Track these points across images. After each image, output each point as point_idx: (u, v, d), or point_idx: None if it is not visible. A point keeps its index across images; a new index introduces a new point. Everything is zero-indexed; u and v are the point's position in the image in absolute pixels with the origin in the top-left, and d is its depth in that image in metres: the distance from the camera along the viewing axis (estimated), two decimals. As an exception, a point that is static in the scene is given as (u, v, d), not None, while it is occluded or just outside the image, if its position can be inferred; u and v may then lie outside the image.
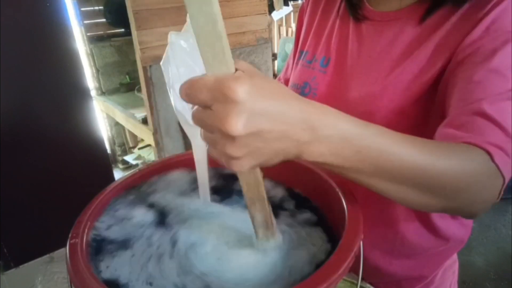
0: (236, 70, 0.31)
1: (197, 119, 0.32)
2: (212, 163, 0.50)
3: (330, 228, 0.48)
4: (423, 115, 0.53)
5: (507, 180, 0.41)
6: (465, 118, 0.44)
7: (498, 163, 0.39)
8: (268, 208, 0.42)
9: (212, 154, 0.33)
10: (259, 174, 0.38)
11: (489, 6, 0.48)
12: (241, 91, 0.28)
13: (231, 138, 0.30)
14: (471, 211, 0.43)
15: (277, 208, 0.52)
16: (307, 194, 0.55)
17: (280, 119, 0.31)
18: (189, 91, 0.30)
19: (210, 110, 0.30)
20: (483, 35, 0.47)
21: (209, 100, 0.30)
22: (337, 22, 0.67)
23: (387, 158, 0.36)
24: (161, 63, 0.46)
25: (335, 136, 0.33)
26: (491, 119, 0.42)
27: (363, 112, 0.58)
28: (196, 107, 0.32)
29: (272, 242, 0.44)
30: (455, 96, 0.47)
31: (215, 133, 0.31)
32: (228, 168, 0.33)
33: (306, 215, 0.51)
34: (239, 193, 0.46)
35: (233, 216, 0.51)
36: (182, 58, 0.47)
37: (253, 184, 0.39)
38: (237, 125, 0.29)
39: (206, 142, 0.33)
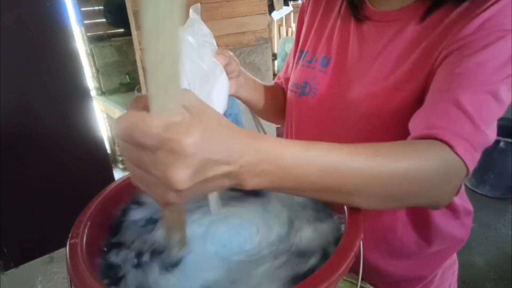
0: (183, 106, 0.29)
1: (131, 156, 0.29)
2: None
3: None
4: None
5: (471, 170, 0.42)
6: (440, 106, 0.45)
7: (461, 155, 0.41)
8: (186, 229, 0.43)
9: (142, 190, 0.32)
10: (185, 206, 0.39)
11: (488, 3, 0.48)
12: (191, 144, 0.27)
13: (173, 189, 0.28)
14: (434, 204, 0.45)
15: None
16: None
17: (226, 162, 0.31)
18: (130, 132, 0.27)
19: (151, 154, 0.28)
20: (476, 30, 0.48)
21: (153, 147, 0.27)
22: (338, 22, 0.67)
23: (328, 178, 0.36)
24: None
25: (273, 169, 0.34)
26: (464, 110, 0.43)
27: (364, 113, 0.58)
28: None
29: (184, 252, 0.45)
30: (436, 84, 0.48)
31: (152, 177, 0.29)
32: (159, 205, 0.32)
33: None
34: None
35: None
36: (189, 54, 0.47)
37: (177, 215, 0.40)
38: (183, 179, 0.27)
39: (136, 179, 0.32)
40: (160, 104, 0.28)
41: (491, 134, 0.45)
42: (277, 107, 0.79)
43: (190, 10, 0.55)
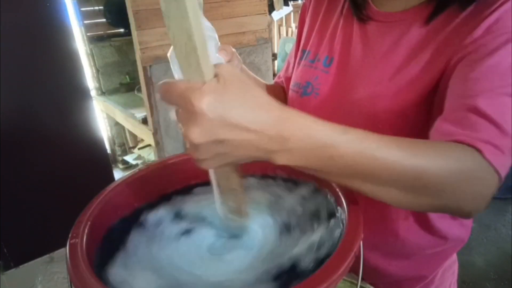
0: (216, 75, 0.32)
1: (176, 113, 0.35)
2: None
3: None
4: (426, 116, 0.53)
5: (503, 176, 0.41)
6: (459, 114, 0.44)
7: (490, 159, 0.39)
8: (243, 199, 0.44)
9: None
10: (229, 169, 0.40)
11: (494, 6, 0.48)
12: (202, 103, 0.30)
13: (192, 143, 0.32)
14: (462, 209, 0.42)
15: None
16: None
17: (245, 129, 0.32)
18: (162, 93, 0.33)
19: (180, 111, 0.33)
20: (484, 34, 0.47)
21: (177, 105, 0.33)
22: (341, 21, 0.66)
23: (362, 162, 0.36)
24: (168, 54, 0.46)
25: (306, 146, 0.34)
26: (485, 116, 0.42)
27: (366, 113, 0.58)
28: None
29: (240, 221, 0.46)
30: (452, 92, 0.47)
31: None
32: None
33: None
34: None
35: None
36: None
37: (224, 176, 0.41)
38: (194, 134, 0.31)
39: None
40: (187, 73, 0.33)
41: None
42: None
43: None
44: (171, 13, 0.30)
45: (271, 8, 3.42)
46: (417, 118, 0.54)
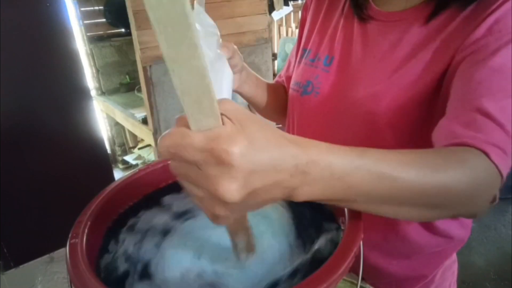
0: (222, 115, 0.28)
1: (180, 173, 0.29)
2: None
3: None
4: (426, 115, 0.53)
5: (504, 178, 0.41)
6: (465, 115, 0.44)
7: (496, 162, 0.39)
8: (251, 234, 0.41)
9: (194, 202, 0.31)
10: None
11: (494, 6, 0.48)
12: (236, 153, 0.26)
13: (223, 203, 0.27)
14: (473, 213, 0.43)
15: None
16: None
17: (273, 171, 0.29)
18: (173, 150, 0.27)
19: (197, 169, 0.27)
20: (486, 34, 0.47)
21: (198, 162, 0.27)
22: (341, 20, 0.67)
23: (381, 187, 0.34)
24: None
25: (325, 177, 0.32)
26: (492, 118, 0.42)
27: (366, 112, 0.58)
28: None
29: (251, 258, 0.43)
30: (456, 93, 0.47)
31: (202, 191, 0.28)
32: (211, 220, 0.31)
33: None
34: None
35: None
36: None
37: (237, 220, 0.38)
38: (232, 192, 0.27)
39: (187, 191, 0.31)
40: (197, 120, 0.27)
41: None
42: (278, 105, 0.79)
43: (195, 2, 0.55)
44: (178, 56, 0.24)
45: (271, 8, 3.41)
46: (417, 118, 0.54)
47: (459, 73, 0.48)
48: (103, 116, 3.06)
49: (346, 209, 0.43)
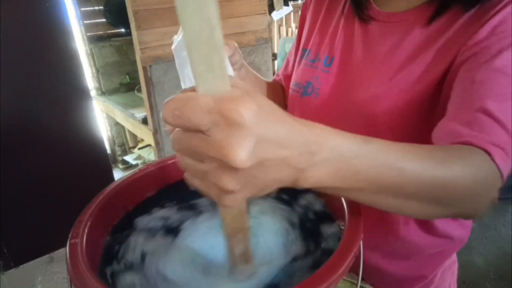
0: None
1: (183, 146, 0.27)
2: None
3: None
4: (427, 116, 0.53)
5: (505, 179, 0.41)
6: (467, 115, 0.44)
7: (497, 163, 0.39)
8: (249, 239, 0.39)
9: (196, 186, 0.30)
10: (245, 204, 0.35)
11: (497, 8, 0.48)
12: (248, 114, 0.24)
13: (233, 169, 0.25)
14: (474, 214, 0.43)
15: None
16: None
17: (283, 145, 0.27)
18: (178, 113, 0.25)
19: (204, 136, 0.26)
20: (489, 36, 0.47)
21: (205, 124, 0.25)
22: (342, 21, 0.66)
23: (388, 175, 0.34)
24: (172, 47, 0.45)
25: (333, 158, 0.31)
26: (495, 118, 0.42)
27: (367, 114, 0.57)
28: (177, 130, 0.28)
29: (248, 272, 0.41)
30: (458, 94, 0.47)
31: (208, 163, 0.27)
32: (217, 202, 0.29)
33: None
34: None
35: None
36: None
37: (238, 214, 0.35)
38: (243, 154, 0.25)
39: (189, 173, 0.29)
40: (205, 81, 0.25)
41: None
42: (277, 104, 0.79)
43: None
44: (188, 1, 0.23)
45: (271, 8, 3.41)
46: (417, 119, 0.54)
47: (461, 74, 0.48)
48: (103, 116, 3.06)
49: (346, 210, 0.43)
